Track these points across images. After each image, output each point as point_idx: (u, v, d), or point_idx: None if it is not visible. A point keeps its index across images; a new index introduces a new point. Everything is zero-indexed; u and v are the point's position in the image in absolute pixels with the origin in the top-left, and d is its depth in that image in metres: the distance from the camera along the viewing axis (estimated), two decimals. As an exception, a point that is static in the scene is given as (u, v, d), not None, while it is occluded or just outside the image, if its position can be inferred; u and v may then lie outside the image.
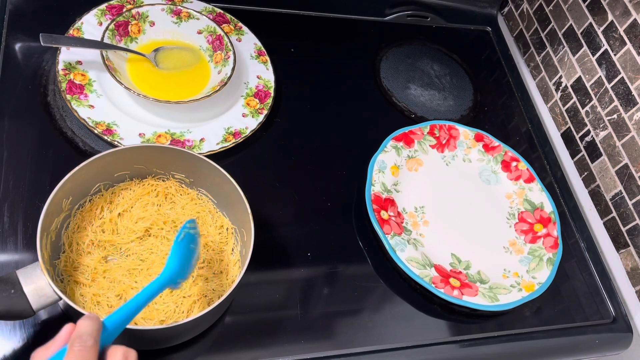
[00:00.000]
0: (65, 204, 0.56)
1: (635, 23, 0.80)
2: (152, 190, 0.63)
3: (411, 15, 1.01)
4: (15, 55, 0.73)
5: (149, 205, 0.62)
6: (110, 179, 0.61)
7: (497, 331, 0.69)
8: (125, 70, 0.74)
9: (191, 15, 0.79)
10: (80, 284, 0.56)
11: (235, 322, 0.62)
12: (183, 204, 0.63)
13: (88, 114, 0.68)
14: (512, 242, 0.77)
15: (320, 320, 0.65)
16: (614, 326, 0.75)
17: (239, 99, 0.78)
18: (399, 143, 0.79)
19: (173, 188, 0.64)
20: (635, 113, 0.81)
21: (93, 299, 0.55)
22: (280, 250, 0.69)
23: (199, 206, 0.64)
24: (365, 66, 0.92)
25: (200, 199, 0.64)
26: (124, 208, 0.61)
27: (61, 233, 0.57)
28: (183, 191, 0.64)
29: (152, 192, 0.63)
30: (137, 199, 0.62)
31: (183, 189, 0.64)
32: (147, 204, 0.62)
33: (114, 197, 0.61)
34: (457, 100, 0.93)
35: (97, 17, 0.77)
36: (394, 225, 0.71)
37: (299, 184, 0.75)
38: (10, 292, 0.48)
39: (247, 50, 0.83)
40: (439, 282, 0.68)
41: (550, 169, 0.89)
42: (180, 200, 0.63)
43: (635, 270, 0.82)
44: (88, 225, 0.59)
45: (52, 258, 0.55)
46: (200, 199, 0.64)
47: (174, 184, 0.64)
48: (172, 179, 0.64)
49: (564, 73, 0.95)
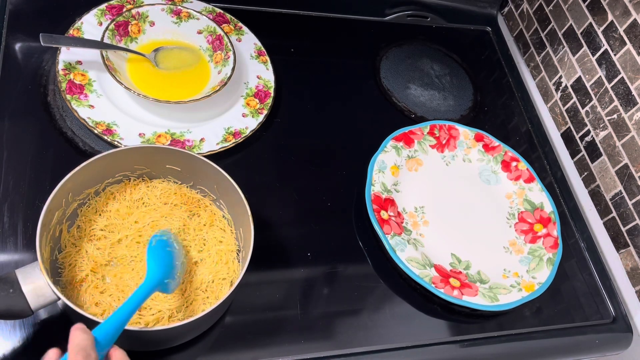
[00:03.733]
0: (65, 204, 0.56)
1: (635, 23, 0.80)
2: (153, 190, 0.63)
3: (411, 15, 1.01)
4: (15, 55, 0.73)
5: (149, 206, 0.62)
6: (110, 180, 0.61)
7: (497, 331, 0.69)
8: (125, 70, 0.74)
9: (191, 15, 0.79)
10: (79, 284, 0.56)
11: (235, 322, 0.62)
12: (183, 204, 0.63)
13: (88, 114, 0.68)
14: (512, 242, 0.77)
15: (320, 320, 0.65)
16: (614, 326, 0.75)
17: (239, 99, 0.78)
18: (399, 143, 0.79)
19: (173, 189, 0.64)
20: (635, 113, 0.81)
21: (92, 299, 0.55)
22: (280, 250, 0.69)
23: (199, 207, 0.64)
24: (365, 66, 0.92)
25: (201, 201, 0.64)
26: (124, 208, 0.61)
27: (61, 233, 0.57)
28: (182, 193, 0.64)
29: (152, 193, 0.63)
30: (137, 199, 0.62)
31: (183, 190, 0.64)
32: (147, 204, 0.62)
33: (114, 197, 0.61)
34: (457, 100, 0.93)
35: (97, 17, 0.77)
36: (394, 225, 0.71)
37: (299, 184, 0.75)
38: (9, 291, 0.48)
39: (247, 50, 0.83)
40: (439, 282, 0.68)
41: (550, 169, 0.89)
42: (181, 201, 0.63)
43: (635, 270, 0.82)
44: (88, 225, 0.59)
45: (52, 258, 0.55)
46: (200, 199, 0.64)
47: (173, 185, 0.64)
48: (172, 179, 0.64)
49: (564, 73, 0.95)
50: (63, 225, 0.57)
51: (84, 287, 0.55)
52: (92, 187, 0.59)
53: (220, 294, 0.58)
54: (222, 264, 0.60)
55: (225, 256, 0.61)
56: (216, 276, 0.59)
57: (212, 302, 0.57)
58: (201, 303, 0.57)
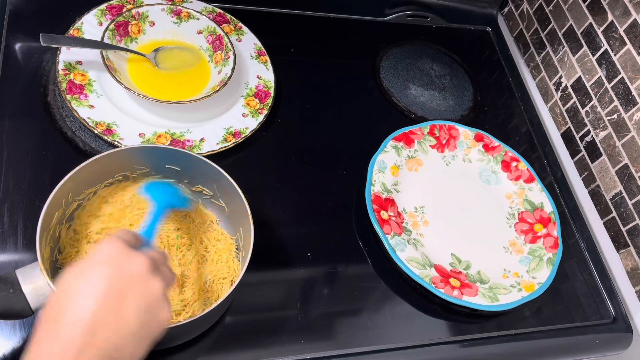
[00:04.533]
0: (66, 204, 0.56)
1: (635, 23, 0.80)
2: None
3: (411, 15, 1.01)
4: (15, 55, 0.73)
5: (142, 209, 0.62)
6: (110, 180, 0.61)
7: (497, 331, 0.69)
8: (125, 70, 0.74)
9: (191, 15, 0.79)
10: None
11: (235, 322, 0.62)
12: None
13: (88, 114, 0.68)
14: (512, 242, 0.77)
15: (320, 320, 0.65)
16: (614, 326, 0.75)
17: (239, 99, 0.78)
18: (399, 143, 0.79)
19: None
20: (635, 113, 0.81)
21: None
22: (280, 250, 0.69)
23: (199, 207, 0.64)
24: (365, 66, 0.92)
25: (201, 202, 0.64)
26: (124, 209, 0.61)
27: (61, 233, 0.57)
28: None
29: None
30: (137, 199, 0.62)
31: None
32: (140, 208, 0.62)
33: (114, 197, 0.61)
34: (457, 100, 0.93)
35: (97, 17, 0.77)
36: (394, 225, 0.71)
37: (299, 184, 0.75)
38: (9, 291, 0.48)
39: (247, 50, 0.83)
40: (439, 282, 0.68)
41: (550, 169, 0.89)
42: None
43: (635, 270, 0.82)
44: (88, 225, 0.59)
45: (52, 258, 0.55)
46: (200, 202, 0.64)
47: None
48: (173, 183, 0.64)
49: (564, 73, 0.95)
50: (63, 226, 0.57)
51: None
52: (92, 187, 0.59)
53: (220, 293, 0.58)
54: (222, 264, 0.60)
55: (225, 256, 0.61)
56: (216, 276, 0.59)
57: (212, 302, 0.57)
58: (201, 303, 0.57)
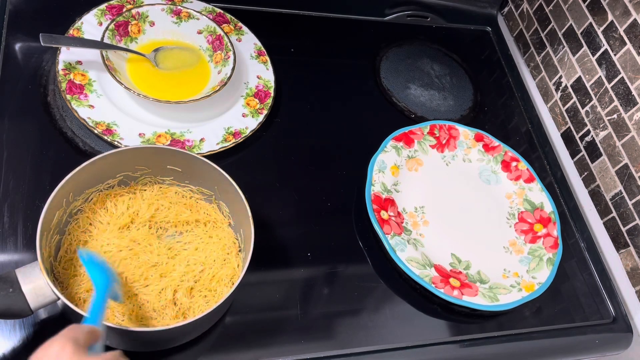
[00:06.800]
0: (66, 204, 0.56)
1: (635, 23, 0.80)
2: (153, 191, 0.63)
3: (411, 15, 1.01)
4: (15, 55, 0.73)
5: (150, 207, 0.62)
6: (110, 180, 0.61)
7: (497, 331, 0.69)
8: (125, 70, 0.74)
9: (191, 15, 0.79)
10: (79, 284, 0.55)
11: (235, 322, 0.62)
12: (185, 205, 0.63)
13: (88, 114, 0.68)
14: (512, 242, 0.77)
15: (320, 320, 0.65)
16: (614, 326, 0.75)
17: (239, 99, 0.78)
18: (399, 143, 0.79)
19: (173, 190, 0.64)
20: (635, 113, 0.81)
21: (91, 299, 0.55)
22: (280, 250, 0.69)
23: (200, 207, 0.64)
24: (365, 66, 0.92)
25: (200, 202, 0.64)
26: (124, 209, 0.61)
27: (61, 233, 0.57)
28: (184, 193, 0.64)
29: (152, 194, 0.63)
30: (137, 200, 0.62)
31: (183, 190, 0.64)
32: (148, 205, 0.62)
33: (114, 198, 0.61)
34: (457, 100, 0.93)
35: (97, 17, 0.77)
36: (394, 225, 0.71)
37: (299, 184, 0.75)
38: (9, 290, 0.48)
39: (247, 50, 0.83)
40: (439, 282, 0.68)
41: (550, 169, 0.89)
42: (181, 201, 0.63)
43: (635, 270, 0.82)
44: (88, 225, 0.59)
45: (52, 258, 0.55)
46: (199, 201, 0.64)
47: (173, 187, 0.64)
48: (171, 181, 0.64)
49: (564, 73, 0.95)
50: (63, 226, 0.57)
51: (83, 287, 0.55)
52: (92, 187, 0.59)
53: (220, 294, 0.58)
54: (222, 264, 0.60)
55: (226, 256, 0.61)
56: (216, 276, 0.59)
57: (212, 302, 0.57)
58: (201, 303, 0.57)
